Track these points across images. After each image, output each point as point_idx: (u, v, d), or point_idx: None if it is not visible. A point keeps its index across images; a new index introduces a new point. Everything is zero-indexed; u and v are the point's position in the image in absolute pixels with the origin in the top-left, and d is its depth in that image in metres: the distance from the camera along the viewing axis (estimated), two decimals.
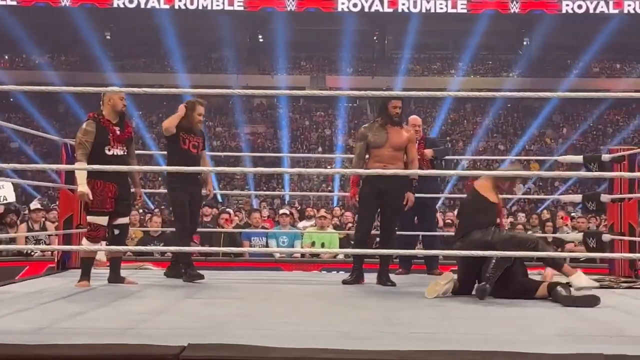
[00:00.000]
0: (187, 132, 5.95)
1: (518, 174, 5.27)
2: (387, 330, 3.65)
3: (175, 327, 3.64)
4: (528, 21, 37.81)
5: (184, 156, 5.84)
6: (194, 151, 5.99)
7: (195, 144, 6.00)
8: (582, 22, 35.40)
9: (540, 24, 35.81)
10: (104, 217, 5.40)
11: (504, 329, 3.79)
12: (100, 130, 5.39)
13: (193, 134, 6.00)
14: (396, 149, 5.85)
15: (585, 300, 4.61)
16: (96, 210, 5.36)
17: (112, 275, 5.58)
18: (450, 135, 35.13)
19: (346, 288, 5.65)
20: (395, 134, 5.86)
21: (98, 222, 5.39)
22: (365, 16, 36.74)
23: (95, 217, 5.39)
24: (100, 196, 5.34)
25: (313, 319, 4.04)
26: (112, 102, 5.47)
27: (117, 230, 5.53)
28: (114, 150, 5.42)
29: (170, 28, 33.26)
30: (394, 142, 5.84)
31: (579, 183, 26.95)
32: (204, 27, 35.66)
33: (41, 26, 34.39)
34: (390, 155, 5.83)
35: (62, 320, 3.76)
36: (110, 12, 36.74)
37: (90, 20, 33.53)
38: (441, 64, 39.54)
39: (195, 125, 6.00)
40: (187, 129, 5.95)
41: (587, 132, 34.93)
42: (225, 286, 5.62)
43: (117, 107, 5.49)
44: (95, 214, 5.37)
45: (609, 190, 6.49)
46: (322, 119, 37.21)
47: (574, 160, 6.88)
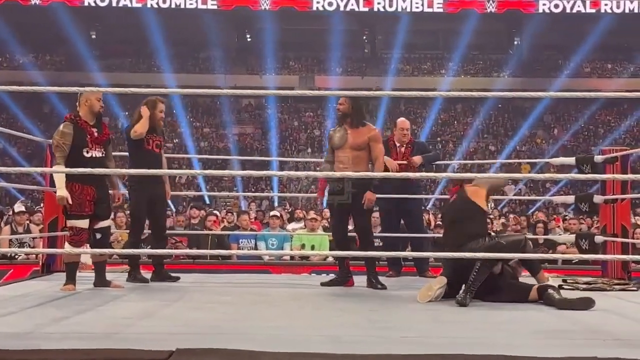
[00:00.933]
0: (150, 132, 5.97)
1: (510, 177, 5.25)
2: (377, 334, 3.64)
3: (163, 332, 3.62)
4: (518, 21, 37.97)
5: (148, 157, 5.87)
6: (157, 150, 6.03)
7: (158, 143, 6.05)
8: (573, 22, 35.58)
9: (531, 24, 35.96)
10: (84, 220, 5.34)
11: (496, 333, 3.78)
12: (77, 132, 5.32)
13: (155, 133, 6.03)
14: (357, 149, 5.83)
15: (579, 303, 4.62)
16: (75, 214, 5.30)
17: (98, 279, 5.54)
18: (441, 136, 35.20)
19: (336, 291, 5.64)
20: (355, 135, 5.85)
21: (79, 225, 5.33)
22: (354, 15, 36.80)
23: (75, 221, 5.33)
24: (79, 199, 5.28)
25: (303, 323, 4.03)
26: (90, 103, 5.38)
27: (99, 234, 5.47)
28: (92, 152, 5.35)
29: (157, 27, 33.19)
30: (353, 142, 5.83)
31: (571, 184, 27.05)
32: (192, 27, 35.59)
33: (25, 25, 34.23)
34: (351, 156, 5.83)
35: (46, 325, 3.74)
36: (95, 11, 36.63)
37: (75, 19, 33.41)
38: (431, 64, 39.64)
39: (157, 123, 6.03)
40: (150, 128, 5.98)
41: (578, 132, 35.10)
42: (213, 290, 5.61)
43: (94, 108, 5.40)
44: (75, 217, 5.32)
45: (601, 191, 6.50)
46: (311, 119, 37.21)
47: (566, 162, 6.90)
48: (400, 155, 6.73)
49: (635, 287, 5.84)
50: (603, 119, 36.60)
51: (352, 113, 5.90)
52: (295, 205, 20.15)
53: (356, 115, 5.91)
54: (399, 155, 6.73)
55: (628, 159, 6.40)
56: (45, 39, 36.36)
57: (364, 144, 5.84)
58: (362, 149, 5.84)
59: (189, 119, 35.43)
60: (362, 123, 5.92)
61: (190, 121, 35.36)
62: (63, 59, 37.61)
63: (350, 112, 5.90)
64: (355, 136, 5.85)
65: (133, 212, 6.11)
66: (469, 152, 33.15)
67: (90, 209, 5.34)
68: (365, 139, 5.85)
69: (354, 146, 5.83)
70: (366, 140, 5.85)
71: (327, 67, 37.68)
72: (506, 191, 6.06)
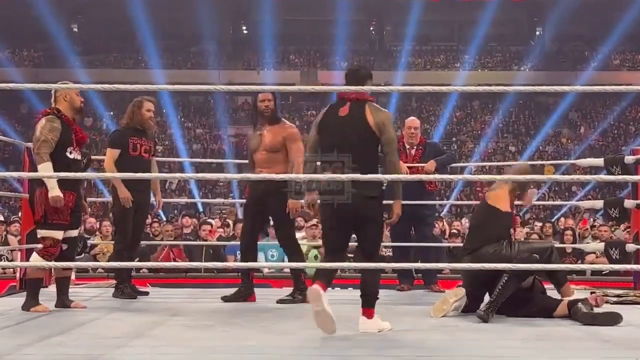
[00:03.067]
0: (137, 135, 5.98)
1: (532, 179, 5.23)
2: (390, 354, 3.65)
3: (155, 353, 3.62)
4: (540, 9, 37.96)
5: (135, 163, 5.85)
6: (146, 156, 6.04)
7: (147, 148, 6.05)
8: (600, 10, 35.56)
9: (554, 12, 35.93)
10: (60, 231, 5.13)
11: (519, 351, 3.78)
12: (64, 129, 5.16)
13: (145, 136, 6.04)
14: (271, 151, 5.84)
15: (606, 318, 4.61)
16: (56, 223, 5.09)
17: (59, 298, 5.30)
18: (456, 136, 35.19)
19: (343, 307, 5.62)
20: (269, 135, 5.86)
21: (56, 236, 5.11)
22: (361, 4, 36.81)
23: (52, 232, 5.09)
24: (62, 207, 5.07)
25: (307, 342, 4.02)
26: (70, 98, 5.22)
27: (66, 244, 5.24)
28: (74, 154, 5.22)
29: (145, 19, 33.22)
30: (267, 143, 5.85)
31: (599, 187, 27.01)
32: (182, 18, 35.68)
33: (0, 18, 34.32)
34: (265, 159, 5.85)
35: (27, 346, 3.74)
36: (77, 2, 36.70)
37: (54, 10, 33.46)
38: (445, 57, 39.63)
39: (146, 124, 6.03)
40: (137, 131, 6.00)
41: (607, 131, 35.04)
42: (208, 306, 5.60)
43: (75, 103, 5.26)
44: (53, 227, 5.09)
45: (632, 195, 6.50)
46: (313, 118, 37.16)
47: (593, 163, 6.88)
48: (411, 158, 6.72)
49: None
50: (634, 116, 36.55)
51: (275, 109, 5.92)
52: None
53: (276, 114, 5.94)
54: (409, 157, 6.73)
55: None
56: (22, 33, 36.41)
57: (280, 145, 5.84)
58: (278, 150, 5.84)
59: (180, 118, 35.46)
60: (278, 121, 5.92)
61: (182, 121, 35.39)
62: (42, 54, 37.68)
63: (275, 109, 5.92)
64: (271, 136, 5.86)
65: (118, 221, 6.11)
66: (487, 153, 33.11)
67: (69, 217, 5.18)
68: (280, 139, 5.85)
69: (267, 147, 5.86)
70: (281, 140, 5.85)
71: (330, 61, 37.67)
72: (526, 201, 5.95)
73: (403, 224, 6.69)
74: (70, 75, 30.76)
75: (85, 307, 5.36)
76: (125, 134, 6.03)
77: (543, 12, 38.16)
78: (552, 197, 28.70)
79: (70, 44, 34.52)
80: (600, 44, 35.73)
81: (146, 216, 6.56)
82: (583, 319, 4.63)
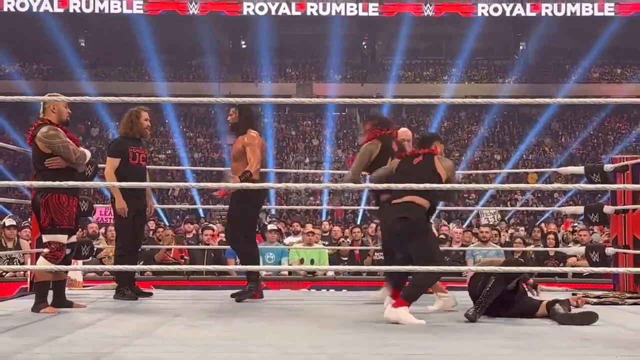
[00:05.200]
0: (135, 145, 6.02)
1: (517, 188, 5.33)
2: (381, 352, 3.65)
3: (158, 352, 3.62)
4: (524, 25, 38.07)
5: (135, 171, 5.91)
6: (144, 164, 6.08)
7: (144, 156, 6.10)
8: (581, 26, 35.68)
9: (537, 28, 36.05)
10: (65, 235, 5.13)
11: (504, 350, 3.79)
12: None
13: (141, 145, 6.08)
14: (235, 160, 6.00)
15: (582, 318, 4.64)
16: (66, 228, 5.09)
17: (57, 299, 5.30)
18: (445, 145, 35.19)
19: (337, 308, 5.64)
20: (234, 145, 6.06)
21: (61, 240, 5.10)
22: (354, 20, 36.87)
23: (58, 236, 5.08)
24: (68, 212, 5.08)
25: (303, 341, 4.02)
26: (58, 110, 5.18)
27: (69, 249, 5.26)
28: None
29: (148, 34, 33.25)
30: (232, 153, 6.07)
31: (580, 194, 27.05)
32: (184, 33, 35.67)
33: (11, 33, 34.30)
34: (233, 167, 6.03)
35: (35, 345, 3.73)
36: (84, 18, 36.70)
37: (63, 26, 33.46)
38: (434, 70, 39.72)
39: (144, 132, 6.07)
40: (135, 140, 6.03)
41: (587, 140, 35.13)
42: (209, 307, 5.60)
43: (62, 115, 5.21)
44: (60, 231, 5.08)
45: (612, 201, 6.52)
46: (309, 128, 37.23)
47: (574, 171, 6.90)
48: None
49: None
50: (613, 126, 36.64)
51: (239, 122, 6.03)
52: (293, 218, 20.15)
53: (243, 125, 6.02)
54: None
55: (639, 168, 6.41)
56: (32, 47, 36.41)
57: (239, 153, 5.95)
58: (239, 158, 5.95)
59: (182, 128, 35.45)
60: (244, 131, 5.99)
61: (184, 131, 35.38)
62: (50, 67, 37.66)
63: (238, 122, 6.04)
64: (234, 146, 6.03)
65: (120, 227, 6.09)
66: (474, 161, 33.15)
67: (74, 223, 5.21)
68: (240, 146, 5.94)
69: (233, 156, 6.04)
70: (241, 148, 5.93)
71: (325, 74, 37.73)
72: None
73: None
74: (77, 88, 30.79)
75: (85, 307, 5.39)
76: (124, 143, 6.03)
77: (527, 28, 38.30)
78: (535, 203, 28.76)
79: (77, 57, 34.54)
80: (580, 58, 35.84)
81: (145, 220, 6.59)
82: (561, 320, 4.67)
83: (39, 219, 5.16)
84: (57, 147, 5.03)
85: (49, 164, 5.06)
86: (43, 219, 5.09)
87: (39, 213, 5.12)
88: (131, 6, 35.74)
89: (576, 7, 35.99)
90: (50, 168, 5.04)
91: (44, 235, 5.15)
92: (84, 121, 34.38)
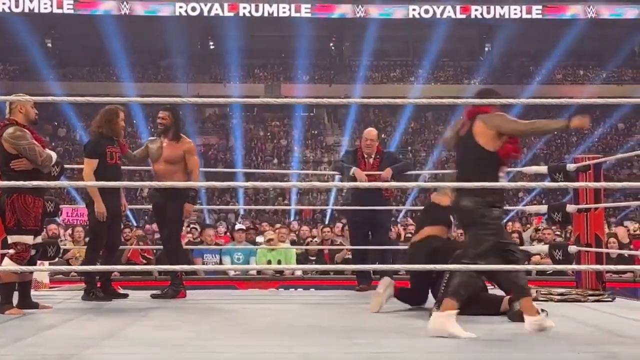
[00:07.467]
0: (111, 144, 5.97)
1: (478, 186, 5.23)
2: (350, 350, 3.65)
3: (125, 353, 3.59)
4: (490, 27, 38.38)
5: (112, 171, 5.87)
6: (119, 163, 6.06)
7: (119, 155, 6.06)
8: (544, 28, 36.08)
9: (502, 30, 36.37)
10: (31, 236, 5.08)
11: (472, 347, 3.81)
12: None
13: (116, 144, 6.04)
14: (170, 163, 6.10)
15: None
16: (32, 228, 5.05)
17: (22, 300, 5.22)
18: (411, 145, 35.39)
19: (306, 308, 5.63)
20: (170, 148, 6.13)
21: (27, 241, 5.04)
22: (321, 22, 36.89)
23: (24, 237, 5.02)
24: (33, 212, 5.03)
25: (271, 341, 4.01)
26: (25, 110, 5.11)
27: (34, 249, 5.19)
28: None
29: (116, 34, 32.95)
30: (167, 156, 6.12)
31: (544, 193, 27.35)
32: (152, 33, 35.40)
33: None
34: (164, 169, 6.11)
35: (1, 347, 3.67)
36: (51, 18, 36.26)
37: (29, 26, 33.04)
38: (401, 71, 39.87)
39: (120, 132, 6.05)
40: (111, 139, 5.98)
41: (550, 140, 35.49)
42: (176, 307, 5.56)
43: (30, 116, 5.14)
44: (26, 232, 5.03)
45: (574, 201, 6.59)
46: (277, 129, 37.18)
47: (538, 170, 6.97)
48: (369, 167, 6.76)
49: (610, 298, 5.93)
50: None
51: (172, 126, 6.15)
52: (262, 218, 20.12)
53: (175, 129, 6.17)
54: (367, 166, 6.76)
55: (601, 167, 6.51)
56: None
57: (179, 158, 6.11)
58: (176, 162, 6.10)
59: (150, 129, 35.17)
60: (179, 136, 6.16)
61: (152, 132, 35.06)
62: (17, 67, 37.15)
63: (171, 125, 6.16)
64: (170, 150, 6.12)
65: (94, 228, 6.01)
66: (441, 161, 33.34)
67: (40, 223, 5.17)
68: (181, 152, 6.11)
69: (168, 159, 6.11)
70: (181, 154, 6.11)
71: (293, 75, 37.69)
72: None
73: (362, 228, 6.81)
74: (44, 88, 30.41)
75: (51, 308, 5.33)
76: (101, 143, 5.94)
77: (492, 30, 38.63)
78: None
79: (44, 57, 34.11)
80: (544, 59, 36.23)
81: (121, 218, 6.49)
82: (512, 317, 4.67)
83: (5, 220, 5.08)
84: (23, 148, 4.97)
85: (15, 166, 4.99)
86: (9, 220, 5.03)
87: (5, 214, 5.05)
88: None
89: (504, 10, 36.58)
90: (16, 170, 4.97)
91: (10, 236, 5.08)
92: (51, 122, 33.97)
